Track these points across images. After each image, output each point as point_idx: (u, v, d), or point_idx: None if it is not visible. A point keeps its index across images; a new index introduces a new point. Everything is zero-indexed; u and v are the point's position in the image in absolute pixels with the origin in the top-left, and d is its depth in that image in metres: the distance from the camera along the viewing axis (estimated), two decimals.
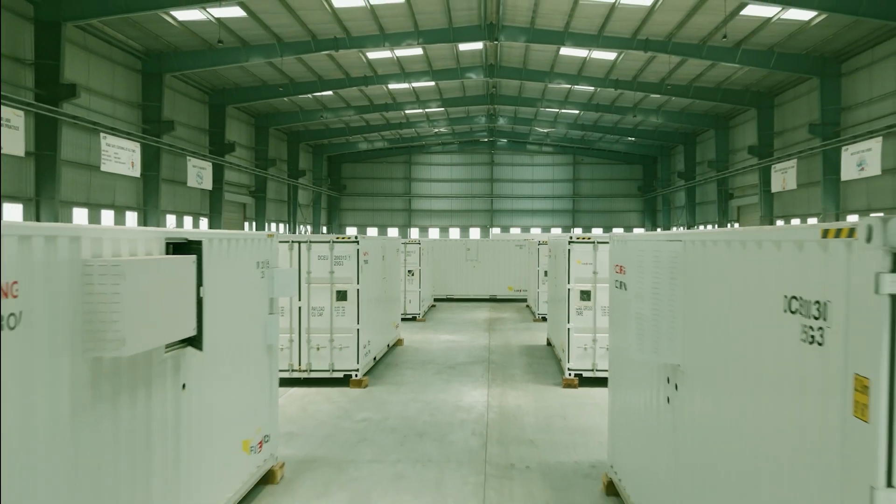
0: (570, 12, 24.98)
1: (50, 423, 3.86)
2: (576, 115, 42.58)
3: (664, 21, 24.76)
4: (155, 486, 5.04)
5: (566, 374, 12.95)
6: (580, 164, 54.29)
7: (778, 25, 24.02)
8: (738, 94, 32.86)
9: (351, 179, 54.44)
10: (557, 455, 8.97)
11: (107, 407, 4.43)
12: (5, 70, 20.08)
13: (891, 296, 2.44)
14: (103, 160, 23.12)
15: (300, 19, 24.72)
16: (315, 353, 12.59)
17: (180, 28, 24.68)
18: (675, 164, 47.70)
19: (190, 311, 5.13)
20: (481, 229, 54.21)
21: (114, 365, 4.51)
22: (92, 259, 4.25)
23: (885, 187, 24.74)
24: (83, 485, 4.17)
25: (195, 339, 5.33)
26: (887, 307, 2.44)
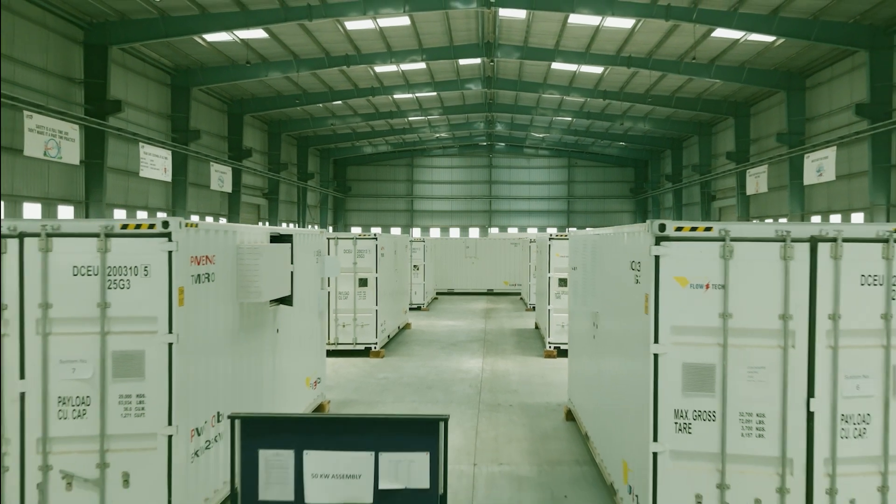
0: (559, 33, 27.93)
1: (224, 332, 6.82)
2: (569, 122, 45.56)
3: (644, 41, 27.70)
4: (264, 387, 8.00)
5: (547, 347, 15.91)
6: (575, 167, 57.22)
7: (746, 45, 26.95)
8: (717, 103, 35.82)
9: (356, 181, 57.38)
10: (534, 399, 11.93)
11: (244, 333, 7.38)
12: (59, 88, 23.05)
13: (654, 256, 5.36)
14: (142, 167, 26.08)
15: (315, 39, 27.66)
16: (341, 329, 15.55)
17: (208, 47, 27.63)
18: (664, 168, 50.63)
19: (287, 279, 8.09)
20: (480, 229, 57.11)
21: (249, 308, 7.47)
22: (241, 244, 7.21)
23: (842, 191, 27.71)
24: (236, 369, 7.13)
25: (288, 298, 8.28)
26: (653, 261, 5.37)
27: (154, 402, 5.70)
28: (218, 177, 32.65)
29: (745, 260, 5.29)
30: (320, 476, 3.89)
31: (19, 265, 5.63)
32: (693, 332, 5.34)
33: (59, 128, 21.18)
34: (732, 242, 5.29)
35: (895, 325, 5.24)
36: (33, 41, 21.65)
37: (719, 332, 5.30)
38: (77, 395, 5.64)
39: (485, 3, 24.12)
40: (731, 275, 5.29)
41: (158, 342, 5.68)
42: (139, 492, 5.63)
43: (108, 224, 5.73)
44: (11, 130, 20.93)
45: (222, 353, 6.80)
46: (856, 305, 5.23)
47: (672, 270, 5.36)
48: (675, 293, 5.35)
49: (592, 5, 23.79)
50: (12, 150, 21.03)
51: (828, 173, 26.33)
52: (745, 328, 5.29)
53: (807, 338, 5.25)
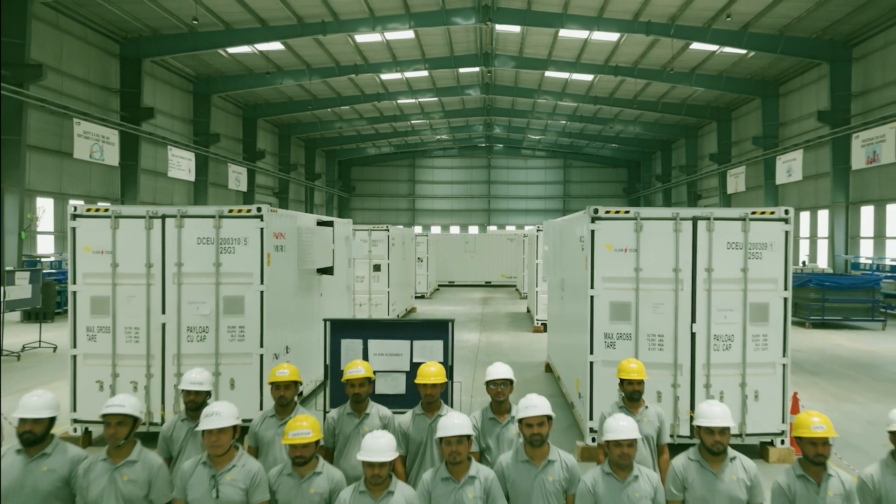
0: (551, 45, 30.66)
1: (290, 290, 9.52)
2: (563, 125, 48.28)
3: (630, 52, 30.42)
4: (312, 336, 10.66)
5: (535, 324, 18.62)
6: (570, 168, 59.95)
7: (723, 56, 29.66)
8: (701, 108, 38.55)
9: (360, 181, 60.08)
10: (521, 359, 14.64)
11: (301, 292, 10.08)
12: (99, 97, 25.75)
13: (591, 230, 8.03)
14: (170, 168, 28.80)
15: (327, 50, 30.37)
16: (358, 308, 18.23)
17: (228, 58, 30.34)
18: (655, 168, 53.36)
19: (329, 254, 10.79)
20: (479, 227, 59.78)
21: (303, 274, 10.17)
22: (300, 225, 9.92)
23: (810, 190, 30.45)
24: (295, 318, 9.82)
25: (330, 269, 10.98)
26: (590, 234, 8.06)
27: (250, 332, 8.39)
28: (235, 177, 35.37)
29: (650, 232, 7.98)
30: (378, 354, 6.58)
31: (162, 237, 8.33)
32: (616, 281, 8.04)
33: (101, 133, 23.92)
34: (642, 220, 7.98)
35: (750, 275, 7.93)
36: (76, 55, 24.35)
37: (633, 281, 7.99)
38: (199, 326, 8.34)
39: (482, 19, 26.81)
40: (641, 242, 7.98)
41: (254, 290, 8.36)
42: (241, 392, 8.31)
43: (220, 209, 8.42)
44: (60, 136, 23.70)
45: (289, 304, 9.49)
46: (723, 262, 7.92)
47: (602, 239, 8.05)
48: (604, 255, 8.04)
49: (580, 21, 26.49)
50: (61, 153, 23.78)
51: (795, 174, 29.07)
52: (650, 278, 7.98)
53: (691, 284, 7.94)
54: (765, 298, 7.96)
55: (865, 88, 25.90)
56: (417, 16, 26.63)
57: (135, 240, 8.35)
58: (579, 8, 26.01)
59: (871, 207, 26.15)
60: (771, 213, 8.00)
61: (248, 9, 24.90)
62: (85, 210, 8.45)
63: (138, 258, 8.35)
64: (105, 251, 8.37)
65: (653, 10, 25.20)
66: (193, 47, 26.84)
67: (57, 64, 22.98)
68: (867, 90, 25.80)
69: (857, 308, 19.77)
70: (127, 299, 8.36)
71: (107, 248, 8.36)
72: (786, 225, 7.97)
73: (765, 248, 7.97)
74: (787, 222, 7.98)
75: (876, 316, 19.73)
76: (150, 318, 8.32)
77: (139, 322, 8.35)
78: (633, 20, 26.20)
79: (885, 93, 24.64)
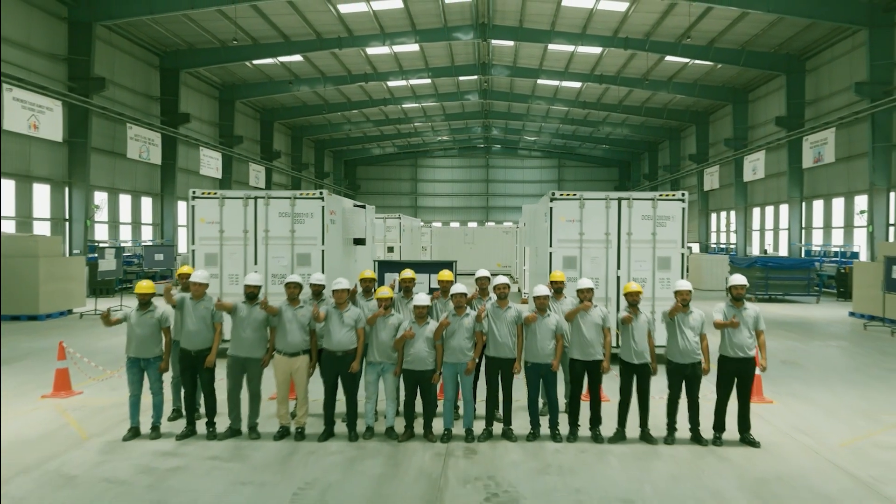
0: (541, 56, 34.53)
1: (339, 253, 13.42)
2: (557, 127, 52.16)
3: (612, 63, 34.29)
4: None
5: (522, 296, 22.48)
6: (564, 167, 63.84)
7: (697, 66, 33.52)
8: (681, 113, 42.43)
9: (365, 180, 63.94)
10: None
11: (344, 256, 13.96)
12: (143, 104, 29.58)
13: (550, 207, 11.87)
14: (201, 167, 32.67)
15: (341, 61, 34.23)
16: None
17: (252, 68, 34.21)
18: (643, 168, 57.24)
19: (363, 230, 14.67)
20: (478, 223, 63.64)
21: (346, 242, 14.07)
22: (346, 206, 13.82)
23: (773, 187, 34.31)
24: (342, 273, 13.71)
25: (363, 240, 14.86)
26: (549, 210, 11.89)
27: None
28: (255, 175, 39.25)
29: (589, 208, 11.84)
30: None
31: (255, 212, 12.19)
32: (567, 242, 11.90)
33: (148, 136, 27.80)
34: (584, 200, 11.84)
35: (657, 238, 11.77)
36: (125, 68, 28.19)
37: (578, 242, 11.85)
38: (280, 273, 12.17)
39: (480, 35, 30.69)
40: (583, 215, 11.84)
41: (317, 249, 12.21)
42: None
43: (294, 193, 12.29)
44: (112, 138, 27.52)
45: (338, 262, 13.34)
46: (639, 229, 11.78)
47: (558, 214, 11.91)
48: (559, 224, 11.90)
49: (566, 37, 30.35)
50: (114, 153, 27.63)
51: (759, 172, 33.00)
52: (589, 239, 11.84)
53: (617, 243, 11.80)
54: (667, 253, 11.84)
55: (816, 97, 29.78)
56: (422, 32, 30.49)
57: (235, 214, 12.23)
58: (565, 26, 29.85)
59: (822, 201, 30.03)
60: (671, 195, 11.89)
61: (274, 26, 28.74)
62: (201, 193, 12.33)
63: (238, 226, 12.23)
64: (214, 222, 12.24)
65: (630, 28, 29.06)
66: (225, 59, 30.70)
67: (111, 76, 26.81)
68: (818, 98, 29.68)
69: (796, 285, 23.62)
70: (229, 255, 12.23)
71: (216, 219, 12.24)
72: (682, 203, 11.86)
73: (668, 219, 11.85)
74: (682, 202, 11.87)
75: (811, 291, 23.59)
76: (245, 268, 12.18)
77: (238, 270, 12.21)
78: (612, 36, 30.06)
79: (833, 101, 28.51)
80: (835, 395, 9.92)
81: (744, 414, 7.52)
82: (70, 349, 10.27)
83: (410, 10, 28.44)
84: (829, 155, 26.86)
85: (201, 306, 7.66)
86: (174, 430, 7.81)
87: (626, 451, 7.27)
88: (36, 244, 17.65)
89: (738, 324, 7.38)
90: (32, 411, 8.72)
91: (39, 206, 23.51)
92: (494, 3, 28.65)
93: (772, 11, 24.14)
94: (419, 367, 7.57)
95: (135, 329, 7.52)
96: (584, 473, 6.60)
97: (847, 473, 6.63)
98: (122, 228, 29.00)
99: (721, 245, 41.51)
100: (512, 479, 6.45)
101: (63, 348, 9.72)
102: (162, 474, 6.50)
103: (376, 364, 7.72)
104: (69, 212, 24.35)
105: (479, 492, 6.14)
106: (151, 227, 31.11)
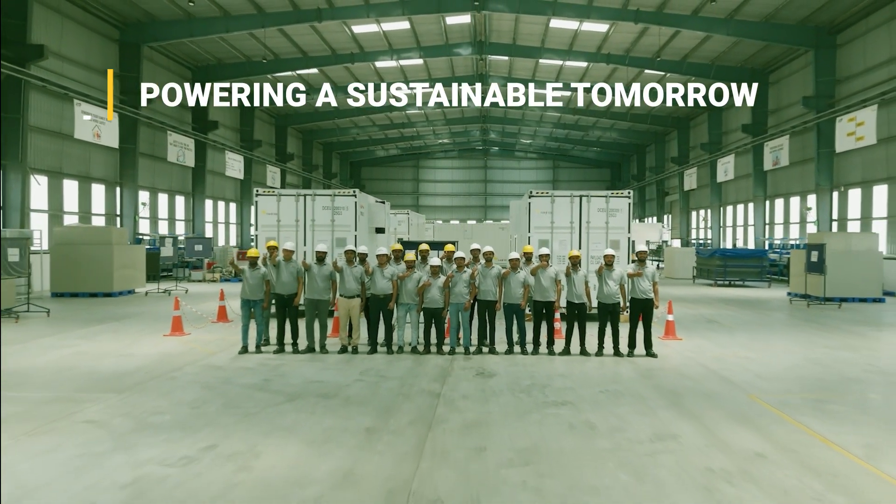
0: (534, 68, 38.55)
1: (367, 236, 17.43)
2: (550, 132, 56.20)
3: (597, 75, 38.32)
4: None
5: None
6: (559, 168, 67.87)
7: (673, 77, 37.47)
8: (663, 119, 46.46)
9: (369, 180, 67.92)
10: None
11: (371, 240, 17.97)
12: (177, 113, 33.55)
13: (528, 203, 15.85)
14: (227, 168, 36.65)
15: (353, 74, 38.22)
16: None
17: (271, 78, 38.18)
18: (632, 169, 61.26)
19: (384, 220, 18.67)
20: (476, 221, 67.59)
21: (371, 231, 18.08)
22: (371, 202, 17.83)
23: (743, 187, 38.32)
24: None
25: (383, 230, 18.86)
26: (528, 205, 15.88)
27: None
28: (271, 176, 43.25)
29: (558, 203, 15.85)
30: None
31: (304, 206, 16.18)
32: (541, 228, 15.90)
33: (184, 142, 31.80)
34: (554, 197, 15.83)
35: (609, 225, 15.77)
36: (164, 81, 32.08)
37: (550, 228, 15.86)
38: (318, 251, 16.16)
39: (477, 50, 34.72)
40: (553, 208, 15.84)
41: (351, 235, 16.19)
42: None
43: (335, 191, 16.28)
44: (153, 143, 31.49)
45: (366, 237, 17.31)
46: (595, 218, 15.78)
47: (535, 207, 15.91)
48: (536, 214, 15.91)
49: (555, 53, 34.38)
50: (154, 157, 31.60)
51: (730, 174, 37.02)
52: (559, 227, 15.84)
53: (579, 229, 15.81)
54: (617, 237, 15.85)
55: (777, 107, 33.78)
56: (426, 48, 34.51)
57: (289, 207, 16.23)
58: (553, 43, 33.87)
59: (782, 200, 34.06)
60: (620, 193, 15.91)
61: (295, 44, 32.71)
62: (263, 192, 16.33)
63: (291, 216, 16.22)
64: (273, 213, 16.23)
65: (610, 45, 33.07)
66: (249, 73, 34.69)
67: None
68: (778, 108, 33.67)
69: (750, 272, 27.62)
70: (284, 238, 16.20)
71: (274, 211, 16.22)
72: (628, 199, 15.89)
73: (618, 211, 15.87)
74: (628, 198, 15.90)
75: (763, 278, 27.58)
76: (297, 246, 16.16)
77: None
78: (596, 52, 34.07)
79: (789, 111, 32.49)
80: (730, 336, 13.92)
81: (647, 336, 11.50)
82: (184, 304, 14.26)
83: (416, 31, 32.44)
84: (785, 159, 30.89)
85: (291, 265, 11.65)
86: (267, 351, 11.79)
87: (569, 358, 11.26)
88: (111, 234, 21.64)
89: (641, 274, 11.37)
90: (164, 342, 12.71)
91: (96, 203, 27.50)
92: (490, 24, 32.68)
93: (731, 35, 28.21)
94: (433, 306, 11.54)
95: (248, 280, 11.51)
96: (538, 366, 10.60)
97: (706, 368, 10.61)
98: (160, 223, 32.98)
99: (700, 240, 45.51)
100: (492, 368, 10.44)
101: (178, 302, 13.72)
102: (274, 366, 10.49)
103: (405, 304, 11.68)
104: (120, 208, 28.34)
105: (471, 372, 10.14)
106: (184, 223, 35.10)
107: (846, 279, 20.62)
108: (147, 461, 6.06)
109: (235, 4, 27.71)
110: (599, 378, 9.80)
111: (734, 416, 7.66)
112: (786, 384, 9.49)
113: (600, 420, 7.47)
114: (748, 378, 9.78)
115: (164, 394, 8.61)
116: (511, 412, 7.80)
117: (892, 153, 24.99)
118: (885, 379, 9.94)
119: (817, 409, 8.03)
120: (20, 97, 21.68)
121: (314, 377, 9.72)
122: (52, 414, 7.57)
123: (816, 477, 5.78)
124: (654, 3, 27.84)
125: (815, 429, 7.16)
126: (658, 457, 6.26)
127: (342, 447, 6.49)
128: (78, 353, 11.50)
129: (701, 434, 6.98)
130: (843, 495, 5.40)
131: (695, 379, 9.75)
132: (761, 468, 5.98)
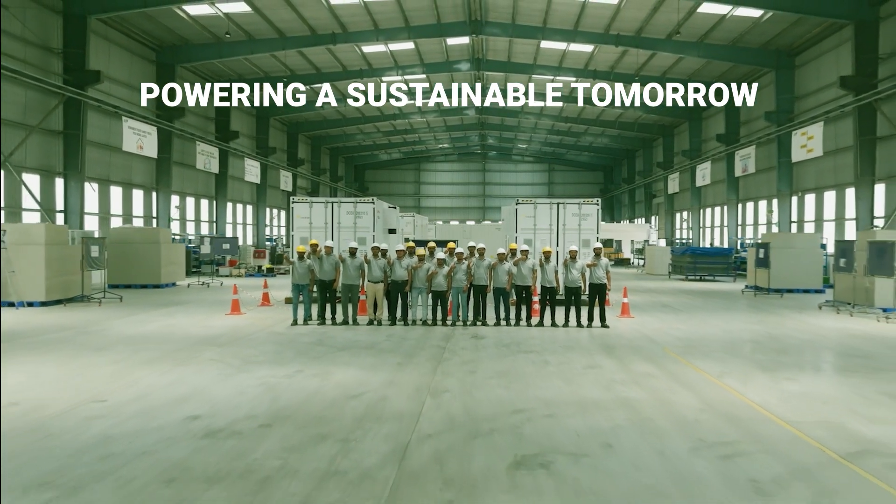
0: (527, 81, 42.29)
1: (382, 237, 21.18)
2: (545, 136, 59.97)
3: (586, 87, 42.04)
4: None
5: None
6: (554, 171, 71.64)
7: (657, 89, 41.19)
8: (650, 126, 50.23)
9: (373, 183, 71.69)
10: None
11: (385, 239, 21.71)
12: (202, 123, 37.26)
13: (515, 209, 19.58)
14: (246, 174, 40.38)
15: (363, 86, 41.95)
16: None
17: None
18: (623, 173, 65.02)
19: (395, 222, 22.39)
20: (475, 222, 71.33)
21: (385, 231, 21.83)
22: (385, 207, 21.60)
23: (718, 191, 42.06)
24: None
25: (394, 230, 22.61)
26: (516, 210, 19.62)
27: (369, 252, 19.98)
28: (284, 180, 46.97)
29: (540, 209, 19.58)
30: None
31: (331, 211, 19.91)
32: (526, 229, 19.63)
33: (210, 150, 35.53)
34: (536, 204, 19.56)
35: (581, 227, 19.49)
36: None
37: (533, 229, 19.59)
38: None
39: (476, 66, 38.46)
40: (536, 213, 19.57)
41: (370, 235, 19.90)
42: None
43: (356, 199, 20.01)
44: (182, 153, 35.21)
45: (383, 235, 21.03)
46: (570, 221, 19.51)
47: (521, 213, 19.65)
48: (522, 219, 19.65)
49: (547, 69, 38.12)
50: (183, 164, 35.31)
51: (707, 179, 40.78)
52: (540, 227, 19.57)
53: (557, 230, 19.54)
54: (588, 237, 19.58)
55: (748, 118, 37.53)
56: (429, 65, 38.25)
57: (319, 212, 19.95)
58: (545, 59, 37.61)
59: (752, 203, 37.81)
60: (590, 201, 19.65)
61: (311, 63, 36.42)
62: (298, 200, 20.07)
63: (321, 220, 19.94)
64: (305, 217, 19.95)
65: (596, 62, 36.80)
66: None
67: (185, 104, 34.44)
68: (749, 120, 37.43)
69: (718, 268, 31.34)
70: (315, 238, 19.92)
71: (306, 215, 19.94)
72: (596, 206, 19.62)
73: (588, 215, 19.61)
74: (597, 205, 19.64)
75: (729, 273, 31.29)
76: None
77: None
78: (584, 68, 37.80)
79: (756, 123, 36.24)
80: (675, 316, 17.64)
81: (602, 312, 15.22)
82: (240, 291, 17.94)
83: (420, 51, 36.17)
84: (752, 166, 34.63)
85: (331, 258, 15.39)
86: (311, 324, 15.51)
87: (542, 330, 14.99)
88: (159, 234, 25.35)
89: (596, 265, 15.11)
90: (229, 318, 16.42)
91: (136, 207, 31.22)
92: (487, 44, 36.41)
93: (701, 56, 31.96)
94: (439, 290, 15.26)
95: (297, 269, 15.23)
96: (518, 333, 14.33)
97: (642, 334, 14.32)
98: (188, 224, 36.68)
99: (683, 240, 49.26)
100: (483, 333, 14.18)
101: (236, 288, 17.45)
102: (322, 332, 14.21)
103: (417, 288, 15.39)
104: (156, 210, 32.07)
105: (468, 336, 13.87)
106: (208, 224, 38.82)
107: (789, 273, 24.35)
108: (263, 377, 9.77)
109: (261, 30, 31.42)
110: (562, 340, 13.53)
111: (645, 357, 11.40)
112: (695, 343, 13.21)
113: (553, 359, 11.21)
114: (669, 340, 13.52)
115: (252, 346, 12.34)
116: (494, 356, 11.54)
117: (839, 163, 28.75)
118: (772, 341, 13.66)
119: (705, 355, 11.76)
120: (80, 116, 25.40)
121: (353, 339, 13.45)
122: (183, 357, 11.28)
123: (679, 384, 9.49)
124: (633, 27, 31.58)
125: (695, 364, 10.89)
126: (584, 375, 9.99)
127: (384, 371, 10.21)
128: (168, 324, 15.24)
129: (617, 365, 10.72)
130: (690, 391, 9.10)
131: (630, 339, 13.49)
132: (647, 380, 9.70)
